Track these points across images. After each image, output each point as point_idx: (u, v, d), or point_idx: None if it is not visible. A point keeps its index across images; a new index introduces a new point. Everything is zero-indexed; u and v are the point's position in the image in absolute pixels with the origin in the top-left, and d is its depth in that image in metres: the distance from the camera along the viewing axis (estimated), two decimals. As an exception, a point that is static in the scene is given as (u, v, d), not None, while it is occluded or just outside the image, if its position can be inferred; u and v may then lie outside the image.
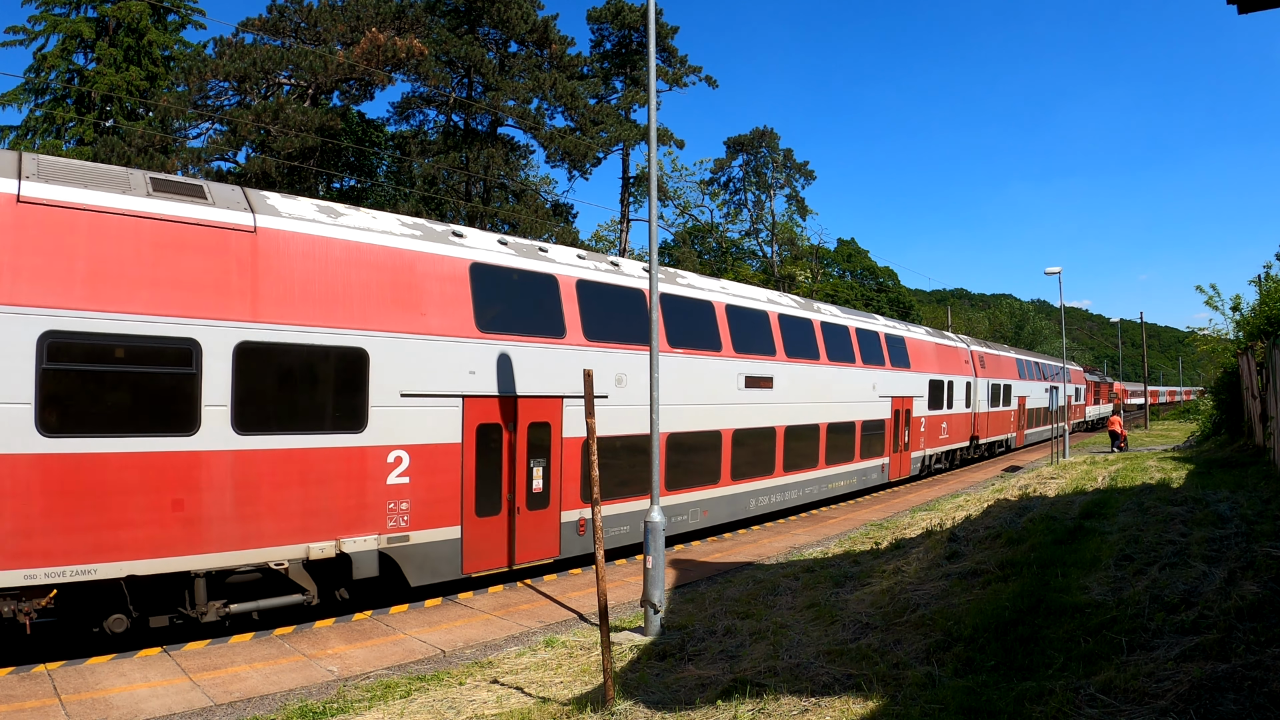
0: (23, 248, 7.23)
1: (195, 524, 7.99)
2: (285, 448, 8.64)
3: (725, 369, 14.75)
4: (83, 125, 33.18)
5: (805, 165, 61.01)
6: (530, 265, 11.52)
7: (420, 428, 9.80)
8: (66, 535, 7.29)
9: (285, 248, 8.84)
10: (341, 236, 9.42)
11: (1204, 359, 35.14)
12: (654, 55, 9.20)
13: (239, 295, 8.39)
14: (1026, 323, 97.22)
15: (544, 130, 38.00)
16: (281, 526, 8.60)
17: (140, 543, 7.69)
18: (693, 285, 14.75)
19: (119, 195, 7.90)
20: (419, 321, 9.87)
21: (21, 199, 7.32)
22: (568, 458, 11.53)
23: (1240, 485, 13.00)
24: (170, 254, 8.02)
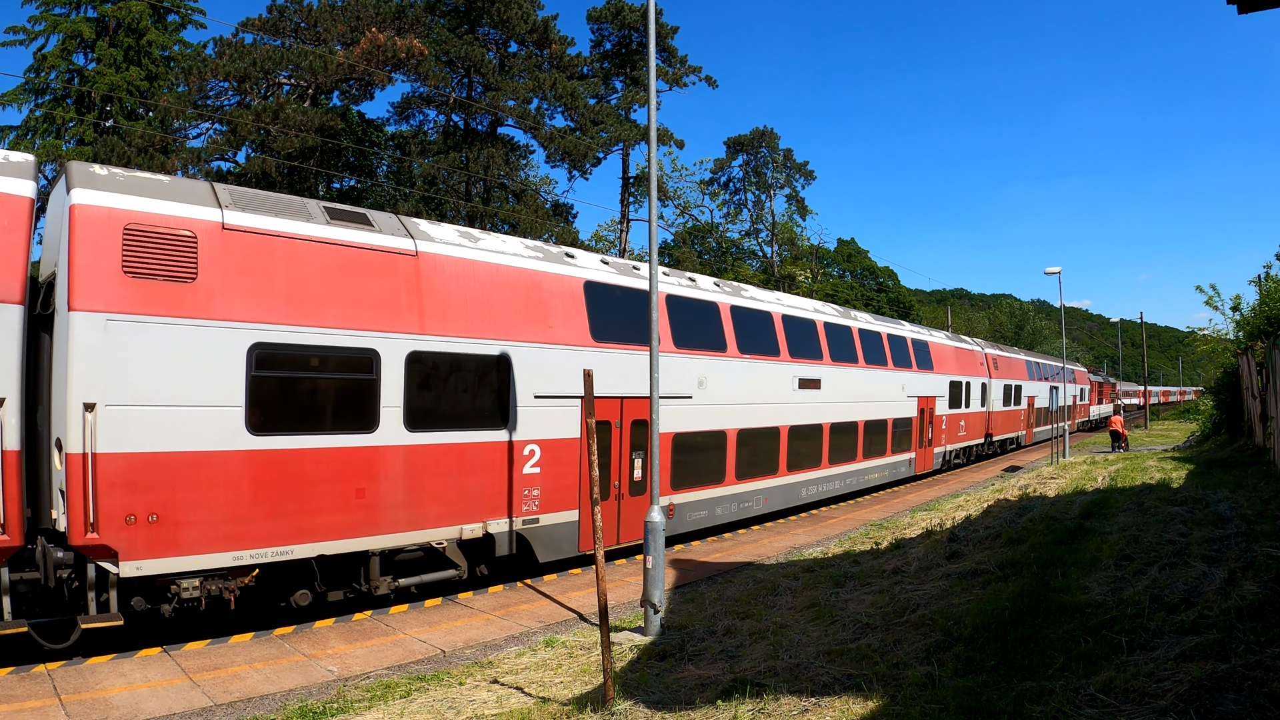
0: (230, 269, 8.32)
1: (373, 509, 9.20)
2: (445, 442, 9.93)
3: (782, 372, 16.34)
4: (83, 125, 33.18)
5: (805, 165, 61.05)
6: (628, 282, 12.99)
7: (549, 424, 11.27)
8: (269, 521, 8.40)
9: (441, 269, 10.14)
10: (482, 259, 10.74)
11: (1204, 359, 35.15)
12: (654, 55, 9.21)
13: (408, 311, 9.66)
14: (1026, 323, 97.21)
15: (544, 130, 38.01)
16: (441, 511, 9.90)
17: (329, 526, 8.87)
18: (755, 298, 16.41)
19: (305, 223, 9.01)
20: (548, 333, 11.32)
21: (226, 226, 8.38)
22: (661, 450, 13.00)
23: (1240, 485, 13.00)
24: (351, 275, 9.21)
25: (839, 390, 18.33)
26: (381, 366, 9.31)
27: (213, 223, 8.31)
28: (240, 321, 8.32)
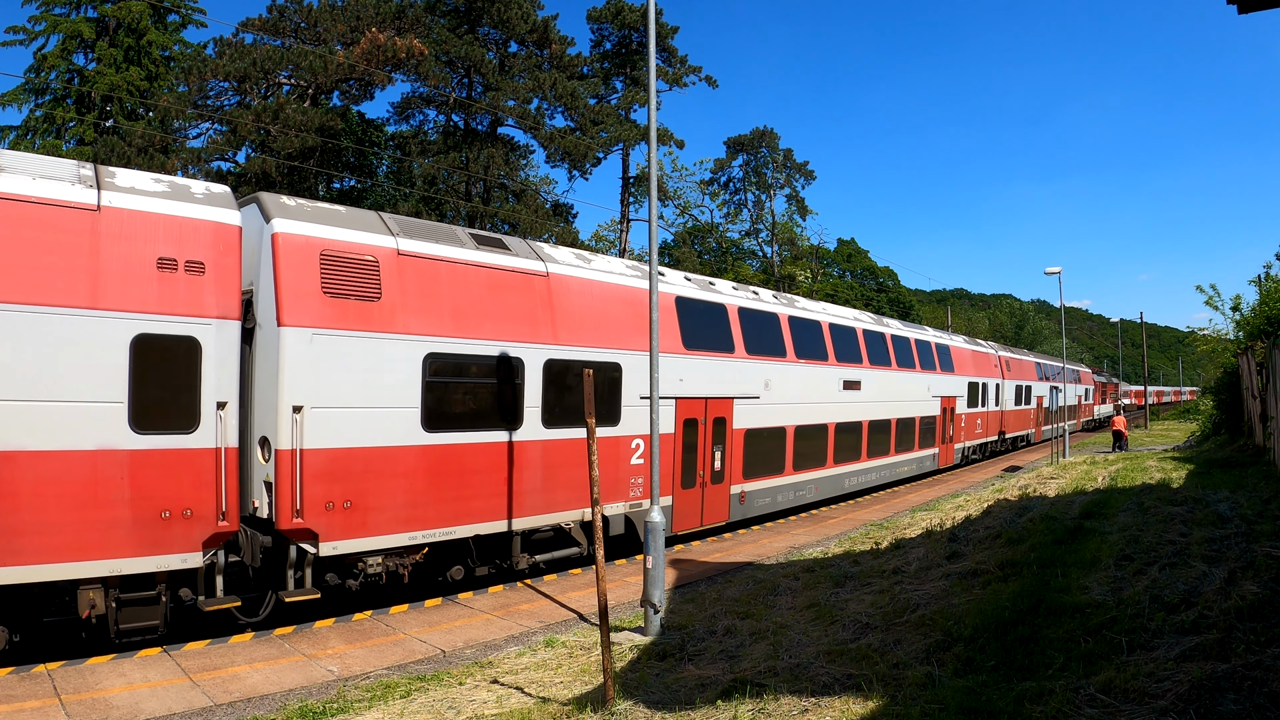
0: (406, 289, 9.66)
1: (517, 495, 10.67)
2: (572, 438, 11.44)
3: (830, 375, 18.19)
4: (83, 125, 33.18)
5: (805, 165, 61.01)
6: (709, 297, 14.73)
7: (669, 422, 13.09)
8: (438, 506, 9.77)
9: (567, 287, 11.67)
10: (596, 278, 12.27)
11: (1204, 359, 35.15)
12: (654, 55, 9.21)
13: (544, 324, 11.17)
14: (1026, 323, 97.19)
15: (544, 130, 37.99)
16: (569, 496, 11.43)
17: (483, 510, 10.29)
18: (806, 309, 18.21)
19: (459, 248, 10.45)
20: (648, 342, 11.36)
21: (400, 252, 9.76)
22: (735, 444, 14.82)
23: (1240, 485, 13.00)
24: (497, 293, 10.65)
25: (876, 391, 20.23)
26: (525, 373, 10.80)
27: (390, 249, 9.69)
28: (416, 335, 9.73)
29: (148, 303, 7.95)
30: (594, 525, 6.50)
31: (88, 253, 7.67)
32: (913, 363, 22.85)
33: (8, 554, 7.14)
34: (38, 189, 7.51)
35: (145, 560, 7.86)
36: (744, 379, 15.01)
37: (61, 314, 7.45)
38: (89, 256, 7.68)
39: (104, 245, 7.76)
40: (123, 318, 7.80)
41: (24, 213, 7.37)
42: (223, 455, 8.27)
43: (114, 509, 7.68)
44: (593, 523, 6.54)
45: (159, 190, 8.35)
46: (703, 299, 14.48)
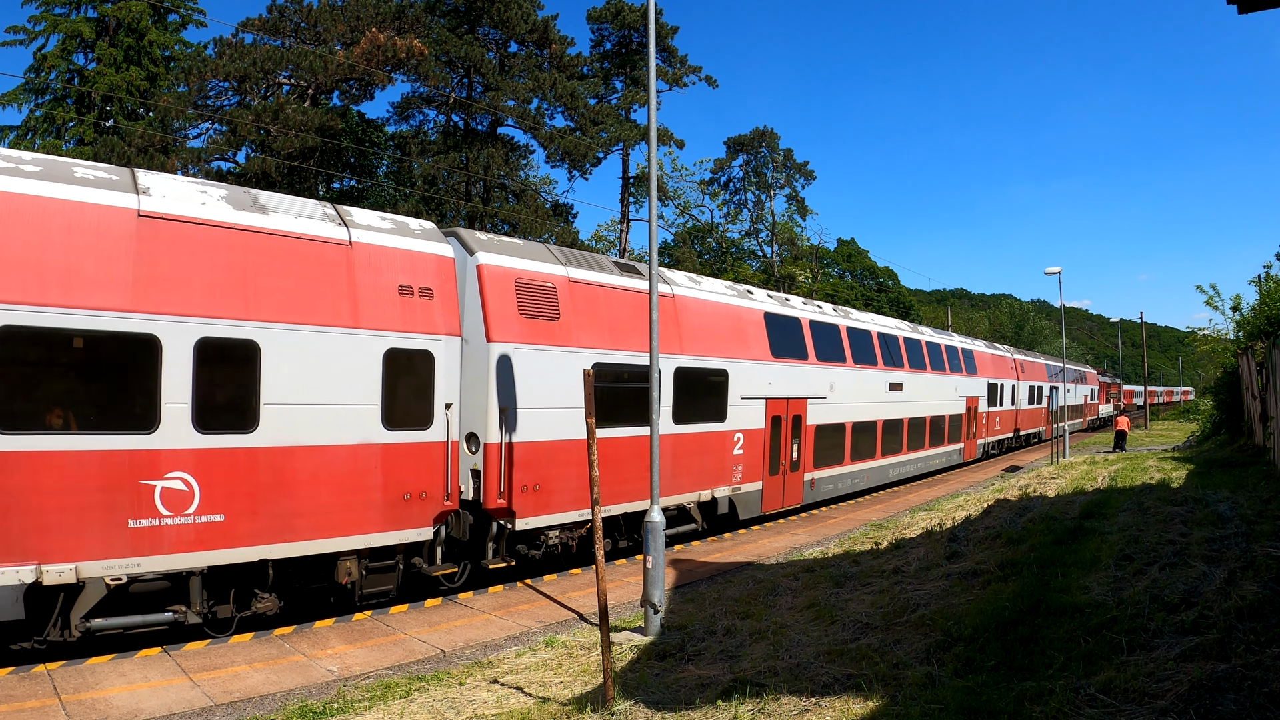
0: (576, 310, 11.69)
1: (628, 481, 12.34)
2: (693, 432, 13.70)
3: (879, 378, 20.59)
4: (83, 125, 33.18)
5: (805, 165, 61.01)
6: (788, 312, 17.12)
7: (748, 418, 15.19)
8: (603, 489, 11.41)
9: (687, 306, 14.04)
10: (705, 297, 14.63)
11: (1204, 359, 35.15)
12: (654, 55, 9.21)
13: (673, 338, 13.35)
14: (1026, 323, 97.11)
15: (544, 130, 37.99)
16: (690, 481, 13.73)
17: (630, 493, 12.36)
18: (859, 320, 20.63)
19: (607, 274, 12.55)
20: (747, 351, 15.26)
21: (571, 280, 11.83)
22: (807, 438, 17.31)
23: (1240, 485, 13.00)
24: (638, 311, 12.62)
25: (914, 392, 22.59)
26: (660, 378, 11.66)
27: (563, 276, 11.73)
28: (585, 348, 11.65)
29: (394, 322, 9.61)
30: (594, 525, 6.49)
31: (346, 281, 9.31)
32: (943, 366, 25.30)
33: (287, 531, 8.64)
34: (301, 226, 9.10)
35: (392, 535, 9.55)
36: (814, 382, 17.50)
37: (334, 332, 9.06)
38: (348, 284, 9.31)
39: (358, 275, 9.40)
40: (377, 335, 9.45)
41: (297, 248, 8.93)
42: (449, 447, 9.99)
43: (370, 493, 9.27)
44: (593, 521, 6.54)
45: (388, 227, 10.01)
46: (784, 314, 16.90)
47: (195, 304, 8.18)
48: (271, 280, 8.77)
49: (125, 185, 8.14)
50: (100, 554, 7.57)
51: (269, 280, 8.76)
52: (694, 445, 13.81)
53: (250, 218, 8.82)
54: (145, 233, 7.98)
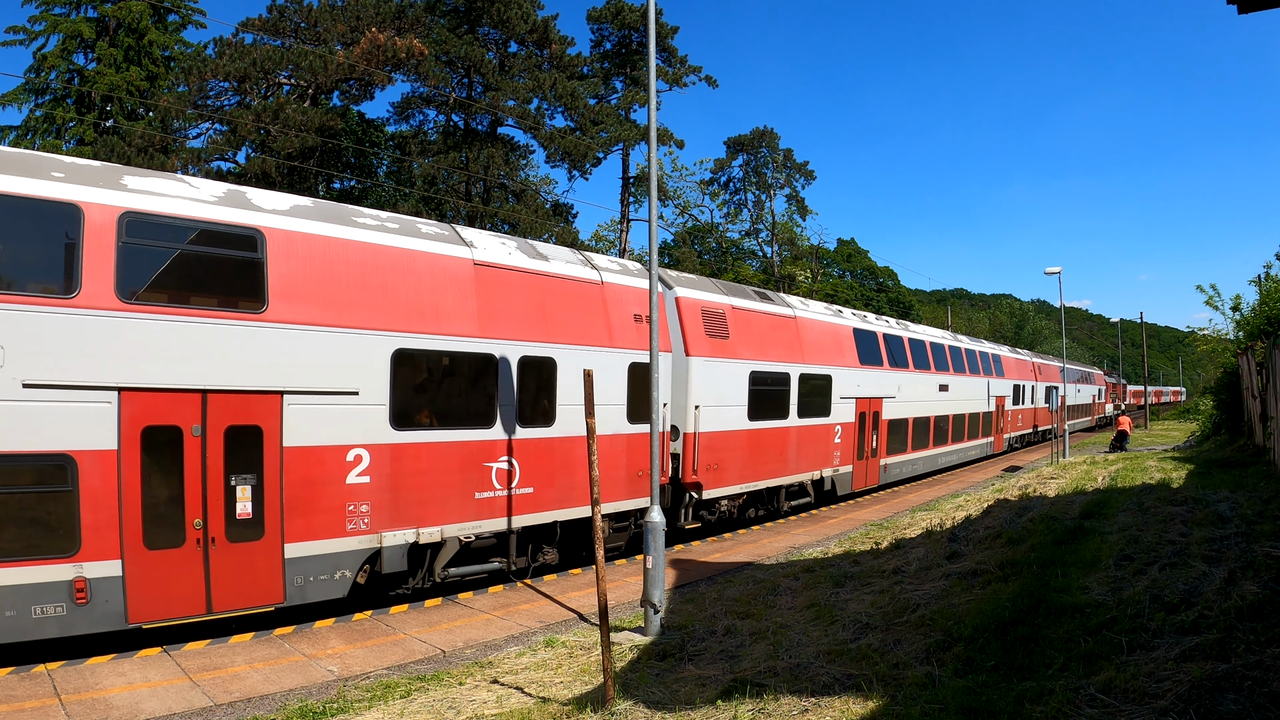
0: (737, 331, 15.29)
1: (785, 461, 16.71)
2: (808, 425, 17.46)
3: (932, 380, 24.41)
4: (83, 125, 33.17)
5: (805, 165, 60.94)
6: (868, 326, 20.99)
7: (844, 414, 18.85)
8: (753, 467, 15.62)
9: (803, 324, 17.74)
10: (814, 317, 18.39)
11: (1204, 359, 35.16)
12: (654, 55, 9.20)
13: (796, 350, 17.11)
14: (1026, 323, 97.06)
15: (544, 130, 37.98)
16: (806, 463, 17.50)
17: (770, 471, 16.23)
18: (917, 332, 24.65)
19: (752, 301, 16.34)
20: (843, 360, 18.96)
21: (734, 308, 15.51)
22: (882, 430, 21.05)
23: (1240, 485, 12.99)
24: (775, 331, 16.54)
25: (957, 392, 26.38)
26: (791, 383, 16.77)
27: (729, 304, 15.43)
28: (744, 359, 15.33)
29: (632, 342, 12.51)
30: (594, 525, 6.49)
31: (603, 312, 12.21)
32: (978, 370, 29.16)
33: (569, 500, 11.57)
34: (570, 270, 12.00)
35: (629, 502, 12.61)
36: (887, 384, 21.13)
37: (599, 350, 11.95)
38: (604, 314, 12.22)
39: (609, 307, 12.35)
40: (623, 352, 12.38)
41: (571, 287, 11.87)
42: (665, 436, 13.31)
43: (619, 470, 12.28)
44: (593, 521, 6.54)
45: (619, 269, 13.10)
46: (865, 328, 20.66)
47: (515, 330, 10.84)
48: (559, 312, 11.53)
49: (457, 240, 10.67)
50: (456, 519, 10.16)
51: (557, 312, 11.51)
52: (809, 435, 17.56)
53: (538, 264, 11.53)
54: (479, 277, 10.54)
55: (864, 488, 20.43)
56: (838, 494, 18.98)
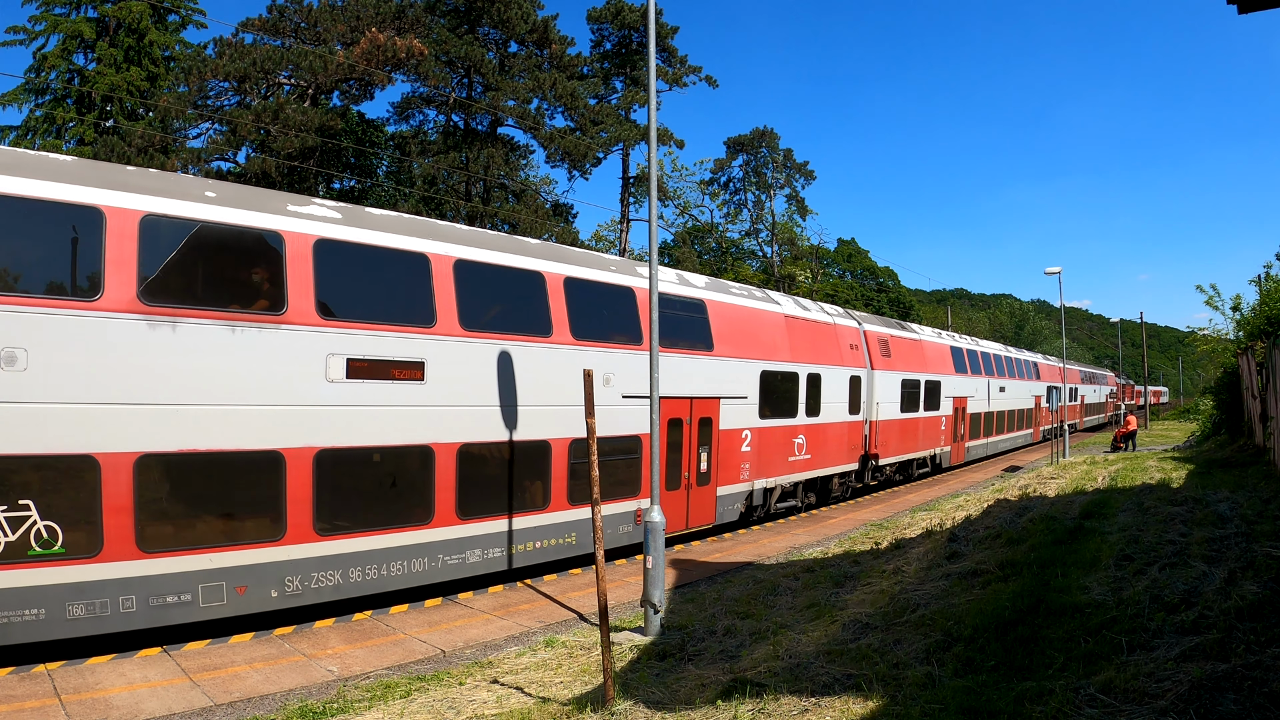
0: (895, 350, 22.17)
1: (916, 440, 23.58)
2: (930, 416, 24.31)
3: (996, 384, 31.00)
4: (83, 125, 33.17)
5: (805, 165, 60.96)
6: (956, 344, 27.70)
7: (947, 408, 25.42)
8: (902, 444, 22.66)
9: (926, 345, 24.51)
10: (933, 340, 25.38)
11: (1204, 359, 35.17)
12: (654, 55, 9.20)
13: (920, 362, 23.40)
14: (1026, 323, 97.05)
15: (544, 130, 37.98)
16: (924, 443, 24.15)
17: (911, 447, 23.35)
18: (984, 345, 31.82)
19: (900, 330, 23.36)
20: (947, 369, 25.63)
21: (867, 332, 20.87)
22: (965, 421, 27.68)
23: (1240, 485, 12.98)
24: (910, 349, 23.01)
25: (1010, 393, 33.23)
26: (921, 386, 23.40)
27: (891, 334, 22.27)
28: (898, 370, 22.05)
29: (851, 362, 19.30)
30: (594, 525, 6.49)
31: (836, 343, 18.86)
32: (1023, 374, 36.39)
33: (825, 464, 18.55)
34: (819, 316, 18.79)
35: (848, 465, 19.70)
36: (969, 387, 27.96)
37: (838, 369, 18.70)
38: (837, 345, 18.89)
39: (839, 339, 19.10)
40: (848, 369, 19.20)
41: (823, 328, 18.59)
42: (867, 424, 20.39)
43: (844, 445, 19.26)
44: (593, 522, 6.54)
45: (840, 313, 20.23)
46: (957, 346, 27.86)
47: (806, 356, 17.35)
48: (818, 344, 18.09)
49: (773, 301, 17.24)
50: (781, 474, 16.55)
51: (818, 344, 18.12)
52: (930, 424, 24.57)
53: (809, 314, 18.38)
54: (788, 325, 17.01)
55: (956, 463, 27.47)
56: (942, 467, 26.35)
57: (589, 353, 11.62)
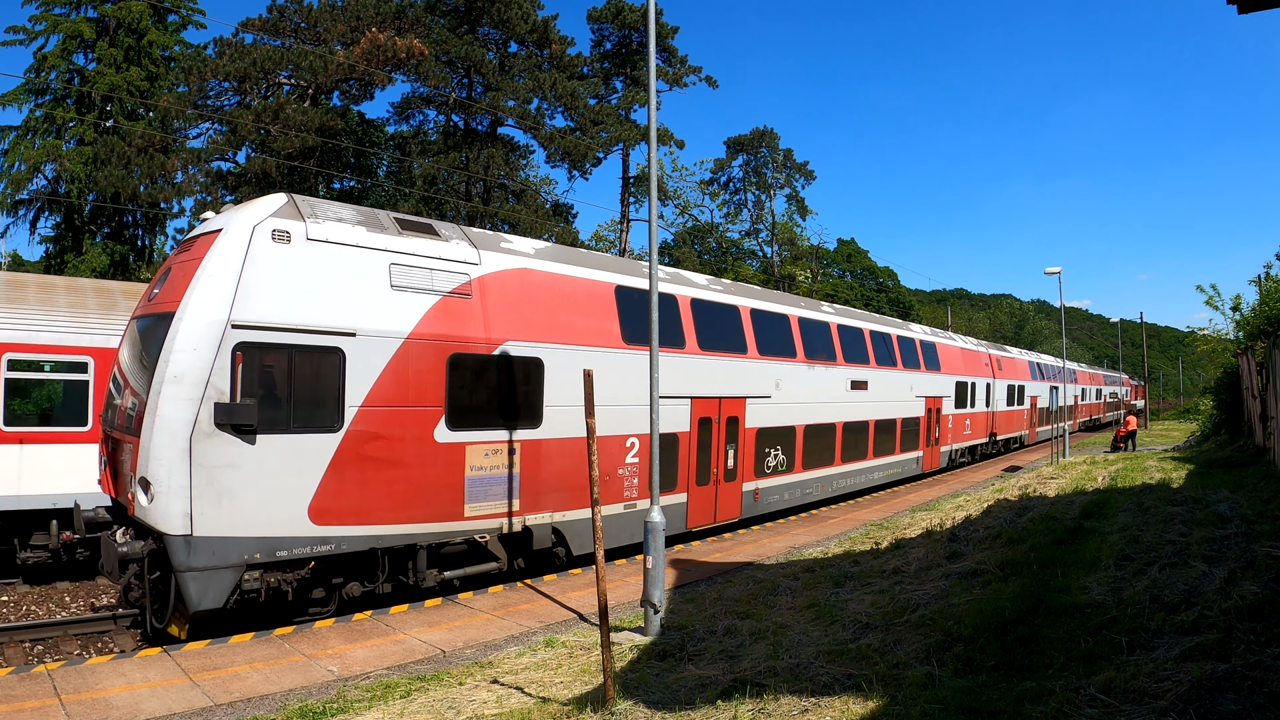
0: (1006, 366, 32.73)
1: (968, 433, 27.84)
2: (1011, 410, 33.15)
3: (1052, 386, 35.49)
4: (83, 125, 33.17)
5: (805, 165, 60.97)
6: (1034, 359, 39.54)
7: (1027, 403, 35.93)
8: (968, 434, 27.81)
9: (1008, 359, 33.66)
10: (1009, 355, 34.76)
11: (1204, 359, 35.19)
12: (654, 55, 9.20)
13: (989, 369, 30.32)
14: (1026, 323, 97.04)
15: (544, 130, 37.99)
16: (1015, 429, 34.24)
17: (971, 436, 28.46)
18: (1042, 358, 41.08)
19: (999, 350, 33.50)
20: (1026, 376, 35.79)
21: (989, 354, 31.08)
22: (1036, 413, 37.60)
23: (1240, 485, 12.99)
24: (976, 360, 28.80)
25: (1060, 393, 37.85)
26: (1016, 390, 33.43)
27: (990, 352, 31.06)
28: (1005, 379, 32.06)
29: (986, 374, 29.00)
30: (594, 524, 6.49)
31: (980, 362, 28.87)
32: (1070, 380, 45.67)
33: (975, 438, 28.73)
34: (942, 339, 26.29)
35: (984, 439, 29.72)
36: (1038, 390, 37.25)
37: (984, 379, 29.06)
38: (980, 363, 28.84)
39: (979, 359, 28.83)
40: (986, 379, 29.14)
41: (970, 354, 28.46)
42: (991, 414, 30.07)
43: (985, 428, 29.27)
44: (593, 522, 6.54)
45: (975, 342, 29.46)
46: (1035, 360, 36.78)
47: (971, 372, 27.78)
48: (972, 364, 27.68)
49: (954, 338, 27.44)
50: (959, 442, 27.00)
51: (972, 364, 27.76)
52: (1019, 415, 33.44)
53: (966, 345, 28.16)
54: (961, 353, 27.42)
55: (1032, 442, 37.36)
56: (1025, 444, 35.72)
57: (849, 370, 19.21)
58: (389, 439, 9.06)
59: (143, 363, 8.52)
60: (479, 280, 10.22)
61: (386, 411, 9.05)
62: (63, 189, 33.41)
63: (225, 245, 8.31)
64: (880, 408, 20.48)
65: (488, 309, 10.19)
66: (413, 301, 9.43)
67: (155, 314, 8.66)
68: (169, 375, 7.83)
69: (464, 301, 9.96)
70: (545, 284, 11.16)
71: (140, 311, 9.39)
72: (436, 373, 9.48)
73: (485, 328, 10.10)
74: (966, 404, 26.90)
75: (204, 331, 7.93)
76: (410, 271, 9.51)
